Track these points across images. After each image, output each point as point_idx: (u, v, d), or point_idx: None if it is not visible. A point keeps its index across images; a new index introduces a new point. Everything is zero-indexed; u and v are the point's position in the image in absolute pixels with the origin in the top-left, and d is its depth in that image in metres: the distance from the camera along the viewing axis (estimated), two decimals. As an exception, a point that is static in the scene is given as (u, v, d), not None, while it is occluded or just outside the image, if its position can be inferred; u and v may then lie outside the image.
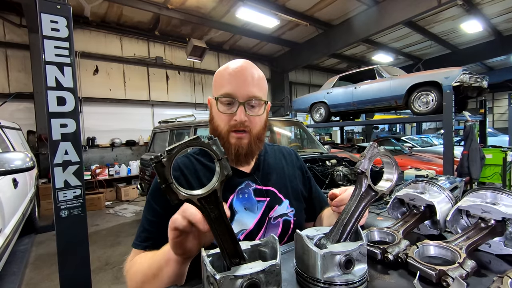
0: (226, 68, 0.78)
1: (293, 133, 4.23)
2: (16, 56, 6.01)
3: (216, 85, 0.78)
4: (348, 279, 0.46)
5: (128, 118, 7.53)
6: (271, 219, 0.82)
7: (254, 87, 0.75)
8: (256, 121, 0.78)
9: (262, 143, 0.84)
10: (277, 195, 0.85)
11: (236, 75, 0.75)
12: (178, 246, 0.52)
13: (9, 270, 2.83)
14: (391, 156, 0.57)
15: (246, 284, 0.39)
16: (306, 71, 12.32)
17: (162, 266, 0.57)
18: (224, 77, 0.76)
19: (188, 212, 0.48)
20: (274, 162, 0.92)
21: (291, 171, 0.94)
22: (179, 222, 0.49)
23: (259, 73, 0.79)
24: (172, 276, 0.57)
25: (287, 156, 0.98)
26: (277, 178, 0.88)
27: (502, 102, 17.48)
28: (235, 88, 0.74)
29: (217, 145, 0.43)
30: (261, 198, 0.82)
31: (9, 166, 1.82)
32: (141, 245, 0.71)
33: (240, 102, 0.74)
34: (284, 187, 0.88)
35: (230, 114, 0.75)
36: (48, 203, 4.78)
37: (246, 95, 0.74)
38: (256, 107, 0.77)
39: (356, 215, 0.53)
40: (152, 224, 0.73)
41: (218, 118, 0.77)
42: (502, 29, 9.03)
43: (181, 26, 7.67)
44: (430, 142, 9.24)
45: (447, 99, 3.93)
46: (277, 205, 0.83)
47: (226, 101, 0.75)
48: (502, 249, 0.61)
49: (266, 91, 0.81)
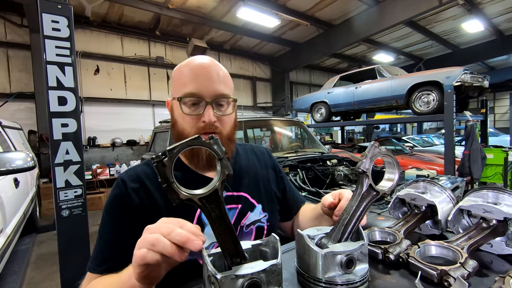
0: (186, 65, 0.71)
1: (294, 133, 4.23)
2: (17, 56, 6.02)
3: (177, 84, 0.71)
4: (349, 279, 0.46)
5: (129, 118, 7.55)
6: (244, 227, 0.77)
7: (220, 84, 0.69)
8: (226, 120, 0.72)
9: (234, 143, 0.78)
10: (249, 200, 0.80)
11: (200, 72, 0.68)
12: (146, 278, 0.45)
13: (10, 270, 2.83)
14: (392, 156, 0.57)
15: (247, 283, 0.39)
16: (307, 71, 12.31)
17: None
18: (185, 75, 0.69)
19: (160, 246, 0.41)
20: (247, 164, 0.86)
21: (264, 172, 0.88)
22: (149, 257, 0.41)
23: (223, 69, 0.73)
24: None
25: (260, 156, 0.92)
26: (250, 181, 0.82)
27: (503, 102, 17.44)
28: (200, 86, 0.67)
29: (218, 145, 0.43)
30: (232, 206, 0.77)
31: (10, 166, 1.83)
32: (97, 269, 0.63)
33: (207, 101, 0.67)
34: (257, 191, 0.82)
35: (197, 116, 0.68)
36: (49, 203, 4.79)
37: (213, 94, 0.68)
38: (224, 106, 0.72)
39: (357, 215, 0.53)
40: (109, 244, 0.65)
41: (182, 121, 0.69)
42: (503, 28, 9.01)
43: (181, 26, 7.67)
44: (431, 142, 9.23)
45: (448, 99, 3.92)
46: (249, 212, 0.78)
47: (191, 102, 0.68)
48: (504, 249, 0.61)
49: (232, 88, 0.75)
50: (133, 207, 0.67)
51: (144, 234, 0.44)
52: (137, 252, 0.43)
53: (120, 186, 0.70)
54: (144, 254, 0.42)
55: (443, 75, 4.12)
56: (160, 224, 0.45)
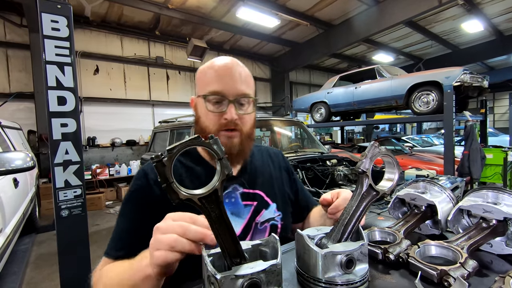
0: (211, 65, 0.75)
1: (294, 133, 4.23)
2: (16, 56, 6.01)
3: (201, 83, 0.75)
4: (349, 279, 0.46)
5: (128, 118, 7.54)
6: (258, 224, 0.79)
7: (242, 84, 0.73)
8: (246, 119, 0.76)
9: (252, 142, 0.81)
10: (264, 198, 0.83)
11: (224, 73, 0.72)
12: (165, 273, 0.47)
13: (9, 270, 2.83)
14: (392, 156, 0.57)
15: (247, 283, 0.39)
16: (307, 71, 12.31)
17: (138, 284, 0.51)
18: (210, 75, 0.73)
19: (179, 247, 0.43)
20: (261, 164, 0.89)
21: (278, 174, 0.92)
22: (171, 258, 0.44)
23: (246, 70, 0.77)
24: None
25: (274, 158, 0.95)
26: (265, 181, 0.86)
27: (503, 102, 17.45)
28: (223, 86, 0.71)
29: (218, 144, 0.43)
30: (248, 202, 0.80)
31: (10, 166, 1.82)
32: (113, 255, 0.66)
33: (230, 100, 0.71)
34: (271, 190, 0.85)
35: (220, 113, 0.72)
36: (49, 203, 4.78)
37: (235, 93, 0.72)
38: (245, 105, 0.75)
39: (357, 215, 0.53)
40: (128, 232, 0.68)
41: (206, 118, 0.73)
42: (503, 28, 9.02)
43: (181, 26, 7.67)
44: (431, 142, 9.23)
45: (447, 99, 3.92)
46: (264, 209, 0.81)
47: (214, 100, 0.72)
48: (504, 249, 0.61)
49: (253, 88, 0.79)
50: (154, 198, 0.70)
51: (157, 235, 0.46)
52: (156, 254, 0.44)
53: (142, 178, 0.74)
54: (165, 256, 0.44)
55: (443, 75, 4.13)
56: (171, 223, 0.46)
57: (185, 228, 0.45)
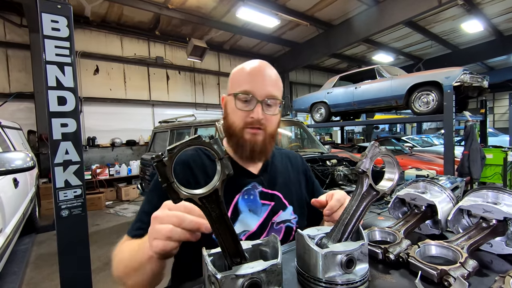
0: (244, 67, 0.79)
1: (294, 133, 4.23)
2: (16, 56, 6.01)
3: (234, 83, 0.78)
4: (349, 279, 0.46)
5: (128, 118, 7.54)
6: (274, 224, 0.81)
7: (272, 86, 0.77)
8: (272, 120, 0.78)
9: (274, 141, 0.84)
10: (282, 200, 0.84)
11: (256, 74, 0.76)
12: (165, 257, 0.52)
13: (9, 270, 2.83)
14: (392, 156, 0.57)
15: (247, 283, 0.39)
16: (307, 71, 12.31)
17: (143, 263, 0.55)
18: (242, 75, 0.77)
19: (176, 237, 0.47)
20: (281, 166, 0.91)
21: (296, 177, 0.93)
22: (170, 247, 0.47)
23: (276, 73, 0.80)
24: (155, 270, 0.56)
25: (293, 161, 0.97)
26: (283, 183, 0.88)
27: (503, 102, 17.46)
28: (254, 86, 0.74)
29: (218, 144, 0.43)
30: (266, 202, 0.82)
31: (10, 166, 1.82)
32: (132, 233, 0.71)
33: (258, 100, 0.74)
34: (289, 193, 0.87)
35: (247, 111, 0.75)
36: (49, 203, 4.78)
37: (264, 94, 0.75)
38: (272, 106, 0.78)
39: (358, 214, 0.53)
40: (148, 214, 0.71)
41: (234, 114, 0.77)
42: (503, 29, 9.02)
43: (181, 26, 7.67)
44: (431, 142, 9.23)
45: (447, 99, 3.92)
46: (281, 211, 0.83)
47: (244, 98, 0.75)
48: (504, 249, 0.61)
49: (282, 91, 0.82)
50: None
51: (154, 225, 0.49)
52: (154, 243, 0.48)
53: None
54: (162, 245, 0.47)
55: (443, 75, 4.13)
56: (167, 213, 0.49)
57: (181, 218, 0.47)
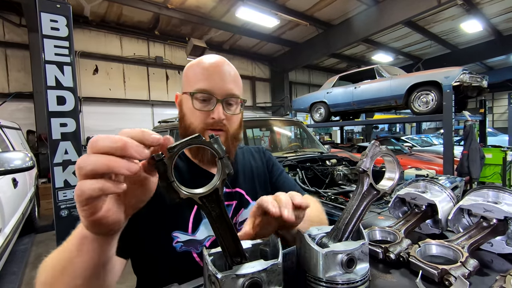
0: (200, 62, 0.72)
1: (293, 133, 4.23)
2: (15, 55, 6.00)
3: (189, 80, 0.72)
4: (350, 278, 0.46)
5: (128, 117, 7.53)
6: (237, 225, 0.76)
7: (231, 84, 0.72)
8: (233, 119, 0.74)
9: (238, 142, 0.79)
10: (244, 197, 0.80)
11: (214, 70, 0.70)
12: (99, 222, 0.34)
13: (9, 270, 2.82)
14: (393, 155, 0.57)
15: (247, 283, 0.39)
16: (306, 71, 12.32)
17: (72, 256, 0.39)
18: (199, 72, 0.71)
19: (88, 166, 0.31)
20: (243, 163, 0.87)
21: (261, 170, 0.88)
22: (87, 187, 0.31)
23: (235, 69, 0.75)
24: (89, 268, 0.39)
25: (256, 155, 0.93)
26: (245, 179, 0.83)
27: (502, 102, 17.49)
28: (213, 84, 0.69)
29: (219, 144, 0.42)
30: (229, 202, 0.77)
31: (9, 166, 1.82)
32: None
33: (218, 99, 0.69)
34: (252, 188, 0.83)
35: (207, 112, 0.69)
36: (48, 203, 4.77)
37: (224, 93, 0.70)
38: (233, 105, 0.73)
39: (358, 214, 0.53)
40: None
41: (191, 115, 0.71)
42: (502, 29, 9.04)
43: (181, 25, 7.67)
44: (430, 142, 9.25)
45: (447, 99, 3.93)
46: (242, 209, 0.79)
47: (202, 98, 0.69)
48: (504, 248, 0.61)
49: (241, 88, 0.77)
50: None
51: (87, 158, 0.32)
52: (84, 185, 0.31)
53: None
54: (78, 187, 0.31)
55: (442, 75, 4.13)
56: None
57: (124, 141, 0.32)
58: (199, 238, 0.70)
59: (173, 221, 0.69)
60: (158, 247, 0.68)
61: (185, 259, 0.66)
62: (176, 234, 0.68)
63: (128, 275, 0.70)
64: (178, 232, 0.69)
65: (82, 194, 0.31)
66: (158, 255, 0.68)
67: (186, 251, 0.68)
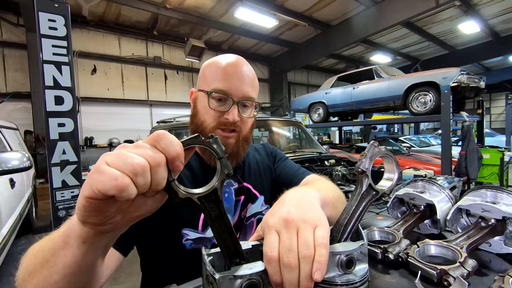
0: (218, 61, 0.71)
1: (292, 133, 4.23)
2: (13, 55, 5.98)
3: (206, 78, 0.71)
4: (349, 279, 0.46)
5: (126, 118, 7.51)
6: (244, 219, 0.77)
7: (249, 86, 0.71)
8: (247, 122, 0.74)
9: (248, 145, 0.79)
10: (252, 191, 0.81)
11: (233, 71, 0.70)
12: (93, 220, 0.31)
13: (6, 271, 2.80)
14: (392, 155, 0.57)
15: (245, 284, 0.38)
16: (305, 71, 12.33)
17: (56, 247, 0.36)
18: (217, 71, 0.70)
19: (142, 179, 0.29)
20: (248, 158, 0.88)
21: (266, 164, 0.90)
22: (121, 184, 0.27)
23: (253, 71, 0.75)
24: (71, 265, 0.35)
25: (260, 150, 0.94)
26: (252, 173, 0.84)
27: (499, 103, 17.58)
28: (230, 85, 0.68)
29: (218, 144, 0.42)
30: (238, 198, 0.78)
31: (6, 166, 1.81)
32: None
33: (235, 101, 0.69)
34: (259, 182, 0.84)
35: (221, 112, 0.69)
36: (46, 204, 4.74)
37: (241, 95, 0.70)
38: (249, 108, 0.73)
39: (357, 214, 0.53)
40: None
41: (205, 113, 0.71)
42: (499, 30, 9.09)
43: (179, 26, 7.66)
44: (428, 142, 9.27)
45: (445, 100, 3.94)
46: (250, 203, 0.79)
47: (218, 97, 0.69)
48: (503, 248, 0.61)
49: (258, 91, 0.77)
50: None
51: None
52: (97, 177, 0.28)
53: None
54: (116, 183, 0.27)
55: (440, 76, 4.15)
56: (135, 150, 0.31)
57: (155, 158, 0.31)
58: (209, 236, 0.71)
59: (183, 218, 0.70)
60: (168, 245, 0.69)
61: (195, 257, 0.66)
62: (186, 232, 0.69)
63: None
64: (188, 229, 0.70)
65: (124, 190, 0.27)
66: (167, 252, 0.69)
67: (196, 249, 0.69)
